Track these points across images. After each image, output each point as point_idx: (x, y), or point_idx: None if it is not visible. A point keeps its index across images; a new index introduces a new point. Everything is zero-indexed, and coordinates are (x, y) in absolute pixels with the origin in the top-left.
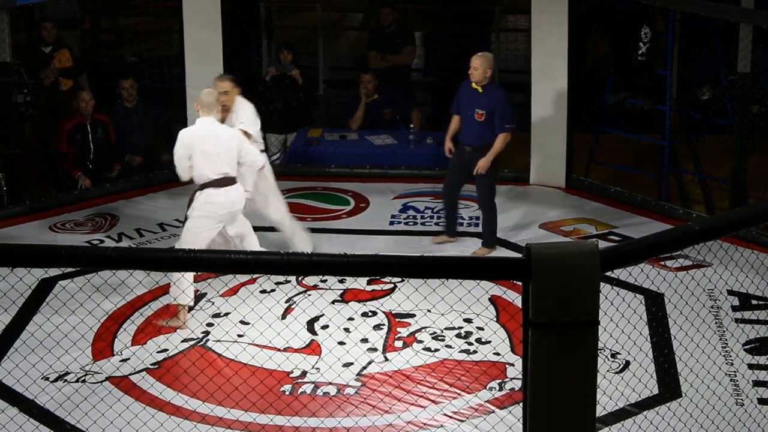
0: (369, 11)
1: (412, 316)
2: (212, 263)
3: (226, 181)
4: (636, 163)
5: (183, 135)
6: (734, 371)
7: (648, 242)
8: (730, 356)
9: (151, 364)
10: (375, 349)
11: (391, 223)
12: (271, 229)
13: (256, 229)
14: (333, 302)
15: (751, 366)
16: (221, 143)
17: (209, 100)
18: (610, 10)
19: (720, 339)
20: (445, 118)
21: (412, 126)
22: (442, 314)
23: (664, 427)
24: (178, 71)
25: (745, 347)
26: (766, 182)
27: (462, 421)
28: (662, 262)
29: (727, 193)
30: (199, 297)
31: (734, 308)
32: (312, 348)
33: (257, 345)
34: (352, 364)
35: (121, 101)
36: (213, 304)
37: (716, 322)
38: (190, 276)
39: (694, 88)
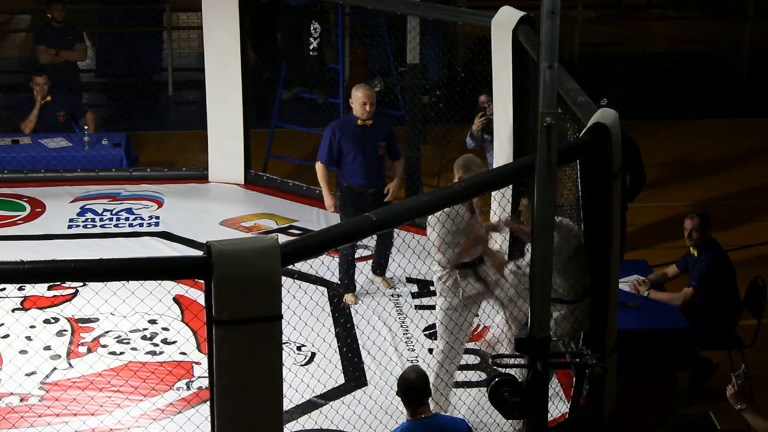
0: (36, 12)
1: (96, 320)
2: None
3: None
4: (313, 156)
5: None
6: (416, 357)
7: (327, 235)
8: (411, 342)
9: None
10: (58, 356)
11: (69, 227)
12: None
13: None
14: (13, 311)
15: (431, 351)
16: None
17: None
18: (280, 5)
19: (401, 326)
20: (120, 118)
21: (86, 128)
22: (125, 317)
23: (350, 416)
24: None
25: (425, 332)
26: (438, 170)
27: (149, 423)
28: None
29: (402, 183)
30: None
31: (413, 295)
32: None
33: None
34: (35, 372)
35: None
36: None
37: (397, 310)
38: None
39: (366, 81)
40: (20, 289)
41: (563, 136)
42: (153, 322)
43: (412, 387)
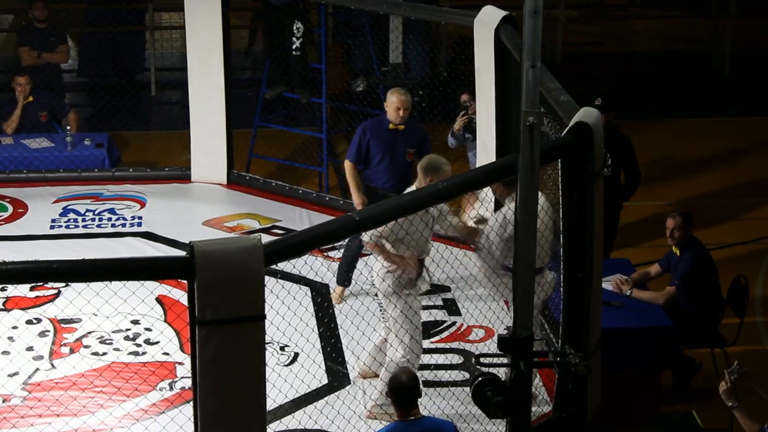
0: (18, 12)
1: (78, 321)
2: None
3: None
4: (296, 156)
5: None
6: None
7: (310, 234)
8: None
9: None
10: (41, 357)
11: (52, 228)
12: None
13: None
14: None
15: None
16: None
17: None
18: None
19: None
20: (102, 118)
21: (68, 128)
22: (108, 317)
23: (334, 416)
24: None
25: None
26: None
27: (132, 423)
28: (326, 253)
29: None
30: None
31: None
32: None
33: None
34: (17, 373)
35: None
36: None
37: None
38: None
39: (349, 80)
40: (2, 289)
41: (545, 135)
42: (136, 322)
43: (404, 388)
